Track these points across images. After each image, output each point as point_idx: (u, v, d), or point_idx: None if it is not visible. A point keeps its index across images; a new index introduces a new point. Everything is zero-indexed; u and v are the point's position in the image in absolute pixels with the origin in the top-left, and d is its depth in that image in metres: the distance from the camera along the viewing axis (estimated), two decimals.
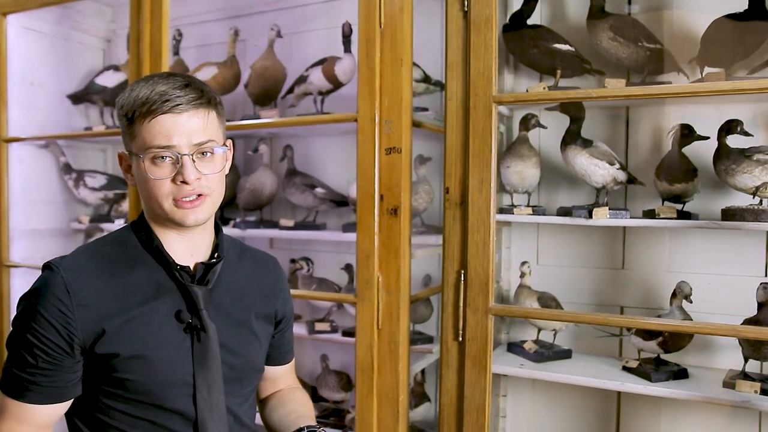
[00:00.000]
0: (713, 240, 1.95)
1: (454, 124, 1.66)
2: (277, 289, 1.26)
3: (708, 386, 1.76)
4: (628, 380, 1.80)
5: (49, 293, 1.01)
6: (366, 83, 1.76)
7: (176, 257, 1.10)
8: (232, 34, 2.50)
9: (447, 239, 1.68)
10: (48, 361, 1.00)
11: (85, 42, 2.83)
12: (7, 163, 2.52)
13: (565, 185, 2.12)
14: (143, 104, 1.03)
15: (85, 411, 1.08)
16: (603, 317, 1.72)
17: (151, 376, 1.03)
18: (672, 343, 1.78)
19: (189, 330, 1.08)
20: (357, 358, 1.79)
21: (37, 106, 2.61)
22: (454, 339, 1.67)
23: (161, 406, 1.05)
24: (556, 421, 2.17)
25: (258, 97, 2.44)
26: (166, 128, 1.03)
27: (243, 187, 2.44)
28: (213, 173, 1.07)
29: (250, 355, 1.17)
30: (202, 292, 1.09)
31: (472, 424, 1.65)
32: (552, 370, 1.89)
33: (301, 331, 2.33)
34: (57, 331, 1.00)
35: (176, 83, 1.05)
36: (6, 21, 2.50)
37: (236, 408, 1.14)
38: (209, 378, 1.08)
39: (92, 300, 1.02)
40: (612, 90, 1.59)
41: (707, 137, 1.77)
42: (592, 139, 1.88)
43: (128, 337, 1.03)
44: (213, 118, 1.09)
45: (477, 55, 1.61)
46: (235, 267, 1.20)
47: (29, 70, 2.60)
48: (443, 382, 1.70)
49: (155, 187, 1.05)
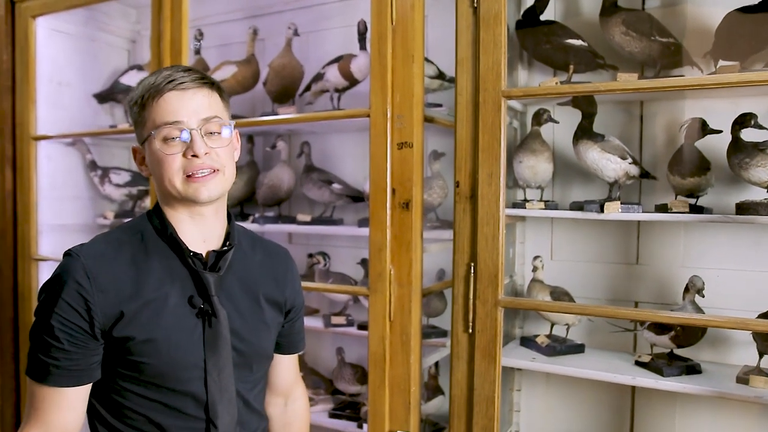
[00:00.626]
0: (728, 235, 1.93)
1: (464, 119, 1.68)
2: (288, 279, 1.30)
3: (721, 382, 1.75)
4: (640, 375, 1.80)
5: (70, 279, 1.06)
6: (378, 79, 1.79)
7: (189, 243, 1.14)
8: (251, 34, 2.55)
9: (457, 232, 1.70)
10: (72, 344, 1.05)
11: (111, 43, 2.91)
12: (36, 160, 2.60)
13: (579, 180, 2.12)
14: (151, 87, 1.10)
15: (103, 393, 1.13)
16: (610, 309, 1.73)
17: (164, 360, 1.07)
18: (684, 338, 1.78)
19: (201, 315, 1.12)
20: (370, 349, 1.82)
21: (64, 105, 2.69)
22: (464, 331, 1.69)
23: (173, 388, 1.09)
24: (570, 415, 2.17)
25: (276, 95, 2.49)
26: (173, 105, 1.09)
27: (261, 183, 2.49)
28: (221, 147, 1.12)
29: (260, 342, 1.20)
30: (214, 279, 1.13)
31: (482, 415, 1.67)
32: (564, 364, 1.90)
33: (318, 325, 2.37)
34: (79, 314, 1.05)
35: (180, 68, 1.13)
36: (35, 23, 2.59)
37: (246, 393, 1.17)
38: (219, 362, 1.12)
39: (110, 285, 1.07)
40: (619, 83, 1.60)
41: (720, 131, 1.76)
42: (604, 134, 1.88)
43: (143, 321, 1.07)
44: (216, 99, 1.15)
45: (486, 50, 1.63)
46: (246, 256, 1.24)
47: (57, 70, 2.68)
48: (454, 373, 1.72)
49: (167, 164, 1.09)
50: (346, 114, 2.01)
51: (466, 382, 1.70)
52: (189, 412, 1.10)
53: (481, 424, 1.67)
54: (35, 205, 2.60)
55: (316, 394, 2.40)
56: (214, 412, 1.10)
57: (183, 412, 1.10)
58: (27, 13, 2.57)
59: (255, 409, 1.20)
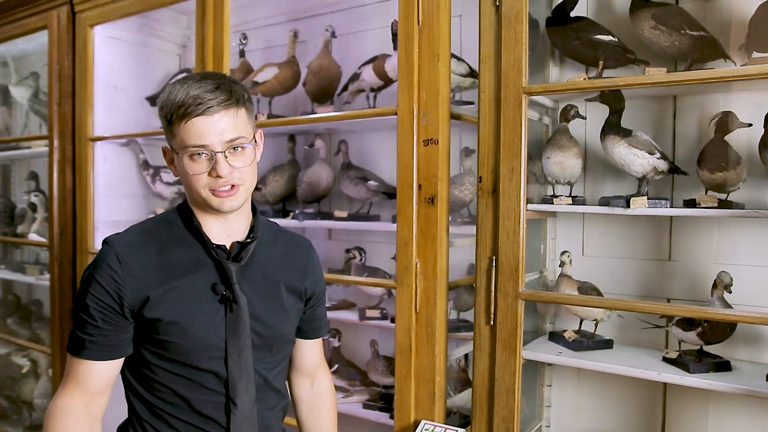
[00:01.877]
0: (764, 231, 1.89)
1: (486, 115, 1.72)
2: (309, 269, 1.37)
3: (751, 379, 1.73)
4: (666, 371, 1.79)
5: (104, 264, 1.17)
6: (405, 78, 1.85)
7: (213, 237, 1.23)
8: (291, 36, 2.64)
9: (480, 226, 1.74)
10: (105, 321, 1.16)
11: (163, 48, 3.06)
12: (93, 160, 2.78)
13: (610, 176, 2.11)
14: (179, 107, 1.15)
15: (134, 368, 1.23)
16: (630, 303, 1.74)
17: (188, 340, 1.17)
18: (711, 335, 1.76)
19: (223, 301, 1.21)
20: (396, 340, 1.88)
21: (119, 108, 2.86)
22: (486, 323, 1.72)
23: (196, 366, 1.18)
24: (600, 411, 2.17)
25: (315, 95, 2.57)
26: (200, 129, 1.15)
27: (301, 181, 2.58)
28: (244, 166, 1.20)
29: (279, 326, 1.28)
30: (236, 268, 1.22)
31: (503, 405, 1.70)
32: (591, 359, 1.90)
33: (353, 317, 2.44)
34: (110, 296, 1.15)
35: (208, 86, 1.17)
36: (93, 32, 2.76)
37: (266, 373, 1.26)
38: (239, 344, 1.20)
39: (140, 271, 1.17)
40: (639, 78, 1.60)
41: (750, 124, 1.73)
42: (632, 129, 1.88)
43: (169, 304, 1.17)
44: (242, 115, 1.20)
45: (508, 48, 1.66)
46: (269, 247, 1.32)
47: (112, 75, 2.86)
48: (476, 365, 1.76)
49: (194, 180, 1.18)
50: (375, 113, 2.07)
51: (487, 374, 1.73)
52: (211, 387, 1.19)
53: (502, 415, 1.70)
54: (92, 202, 2.78)
55: (352, 385, 2.48)
56: (234, 389, 1.19)
57: (205, 386, 1.19)
58: (86, 22, 2.75)
59: (274, 387, 1.28)
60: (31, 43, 3.26)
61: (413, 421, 1.86)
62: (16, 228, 3.56)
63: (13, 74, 3.70)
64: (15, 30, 3.08)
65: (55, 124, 2.87)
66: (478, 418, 1.76)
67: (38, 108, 3.45)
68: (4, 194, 3.93)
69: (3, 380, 3.63)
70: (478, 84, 1.73)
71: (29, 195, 3.44)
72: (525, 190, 1.67)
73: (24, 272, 3.48)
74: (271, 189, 2.72)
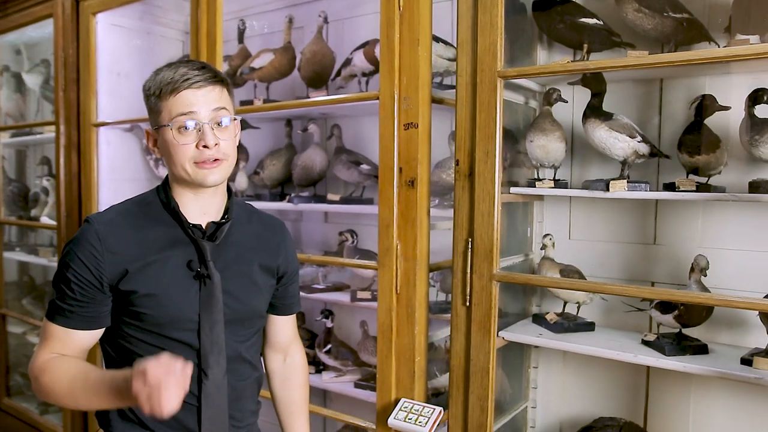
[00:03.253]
0: (747, 215, 1.89)
1: (463, 99, 1.74)
2: (281, 249, 1.43)
3: (726, 362, 1.73)
4: (645, 353, 1.80)
5: (84, 240, 1.23)
6: (386, 63, 1.87)
7: (190, 216, 1.29)
8: (287, 22, 2.68)
9: (457, 209, 1.77)
10: (83, 294, 1.22)
11: (165, 35, 3.12)
12: (97, 145, 2.86)
13: (596, 160, 2.12)
14: (168, 84, 1.23)
15: (112, 338, 1.30)
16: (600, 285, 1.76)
17: (162, 312, 1.23)
18: (688, 318, 1.77)
19: (197, 277, 1.26)
20: (378, 320, 1.93)
21: (122, 95, 2.93)
22: (463, 304, 1.76)
23: (170, 337, 1.24)
24: (585, 393, 2.19)
25: (310, 80, 2.61)
26: (189, 99, 1.22)
27: (296, 165, 2.63)
28: (227, 140, 1.26)
29: (251, 302, 1.34)
30: (210, 247, 1.28)
31: (478, 384, 1.74)
32: (572, 341, 1.93)
33: (345, 299, 2.49)
34: (90, 271, 1.21)
35: (194, 66, 1.26)
36: (95, 19, 2.83)
37: (237, 345, 1.31)
38: (212, 318, 1.26)
39: (118, 247, 1.23)
40: (616, 60, 1.61)
41: (728, 107, 1.73)
42: (613, 112, 1.88)
43: (145, 278, 1.23)
44: (225, 93, 1.29)
45: (484, 32, 1.68)
46: (244, 227, 1.38)
47: (115, 62, 2.92)
48: (453, 345, 1.79)
49: (181, 152, 1.24)
50: (358, 97, 2.10)
51: (464, 354, 1.77)
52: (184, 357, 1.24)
53: (477, 394, 1.74)
54: (96, 186, 2.86)
55: (344, 365, 2.53)
56: (205, 360, 1.25)
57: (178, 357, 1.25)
58: (88, 10, 2.82)
59: (246, 360, 1.34)
60: (42, 30, 3.34)
61: (394, 398, 1.91)
62: (30, 212, 3.67)
63: (25, 61, 3.80)
64: (23, 18, 3.16)
65: (61, 110, 2.95)
66: (454, 396, 1.80)
67: (49, 94, 3.54)
68: (19, 179, 4.05)
69: (19, 358, 3.77)
70: (456, 68, 1.75)
71: (41, 179, 3.54)
72: (500, 173, 1.69)
73: (37, 254, 3.60)
74: (269, 173, 2.77)
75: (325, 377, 2.54)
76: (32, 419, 3.44)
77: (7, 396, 3.68)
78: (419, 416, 1.80)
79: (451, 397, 1.81)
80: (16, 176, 4.10)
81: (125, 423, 1.27)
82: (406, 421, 1.81)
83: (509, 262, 2.14)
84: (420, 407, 1.83)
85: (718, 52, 1.55)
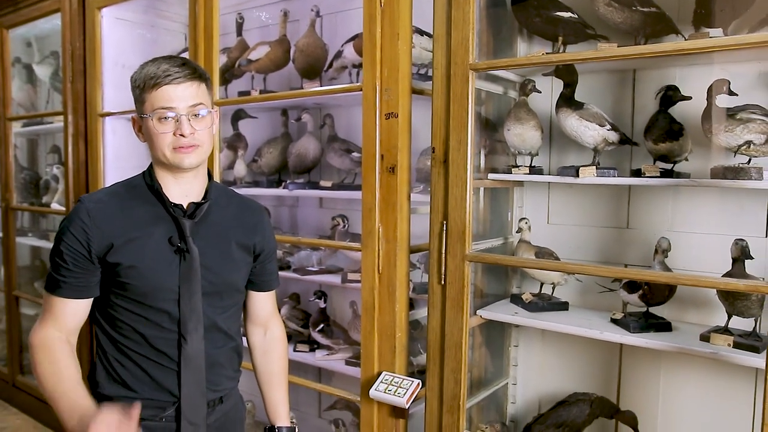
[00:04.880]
0: (711, 200, 1.98)
1: (439, 90, 1.84)
2: (258, 228, 1.55)
3: (687, 339, 1.84)
4: (612, 331, 1.91)
5: (76, 217, 1.36)
6: (369, 56, 1.98)
7: (172, 197, 1.42)
8: (282, 16, 2.79)
9: (433, 193, 1.88)
10: (75, 265, 1.35)
11: (168, 28, 3.25)
12: (103, 134, 3.00)
13: (574, 148, 2.21)
14: (151, 78, 1.35)
15: (101, 309, 1.43)
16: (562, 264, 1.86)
17: (145, 283, 1.36)
18: (651, 296, 1.87)
19: (178, 252, 1.39)
20: (362, 298, 2.05)
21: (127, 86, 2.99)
22: (438, 283, 1.87)
23: (152, 305, 1.37)
24: (563, 370, 2.30)
25: (304, 71, 2.72)
26: (169, 95, 1.34)
27: (291, 153, 2.75)
28: (203, 129, 1.38)
29: (228, 275, 1.46)
30: (190, 224, 1.40)
31: (452, 358, 1.85)
32: (545, 319, 2.04)
33: (337, 281, 2.61)
34: (81, 244, 1.35)
35: (175, 63, 1.37)
36: (101, 14, 2.96)
37: (214, 316, 1.44)
38: (191, 289, 1.38)
39: (105, 224, 1.36)
40: (580, 54, 1.71)
41: (689, 97, 1.82)
42: (584, 102, 1.98)
43: (129, 251, 1.36)
44: (203, 89, 1.40)
45: (457, 27, 1.78)
46: (223, 208, 1.50)
47: (120, 54, 3.05)
48: (430, 321, 1.91)
49: (161, 139, 1.36)
50: (344, 88, 2.22)
51: (439, 330, 1.88)
52: (164, 325, 1.38)
53: (451, 367, 1.86)
54: (103, 173, 3.00)
55: (336, 344, 2.66)
56: (185, 327, 1.38)
57: (160, 325, 1.38)
58: (94, 4, 2.94)
59: (222, 329, 1.46)
60: (51, 22, 3.48)
61: (376, 372, 2.03)
62: (41, 198, 3.83)
63: (36, 53, 3.94)
64: (33, 13, 3.30)
65: (69, 100, 3.09)
66: (431, 369, 1.92)
67: (58, 85, 3.68)
68: (31, 167, 4.21)
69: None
70: (432, 61, 1.85)
71: (52, 167, 3.70)
72: (472, 160, 1.79)
73: (48, 239, 3.76)
74: (266, 160, 2.89)
75: (318, 355, 2.67)
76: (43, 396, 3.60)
77: (20, 373, 3.86)
78: (398, 388, 1.92)
79: (428, 370, 1.93)
80: (28, 164, 4.26)
81: (112, 384, 1.41)
82: (386, 392, 1.93)
83: (489, 244, 2.25)
84: (399, 380, 1.95)
85: (679, 45, 1.64)
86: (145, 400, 1.38)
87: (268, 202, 3.10)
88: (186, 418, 1.40)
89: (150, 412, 1.39)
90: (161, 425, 1.40)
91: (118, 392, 1.40)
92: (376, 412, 2.04)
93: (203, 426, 1.43)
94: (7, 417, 3.75)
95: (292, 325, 2.83)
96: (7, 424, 3.65)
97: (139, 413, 1.23)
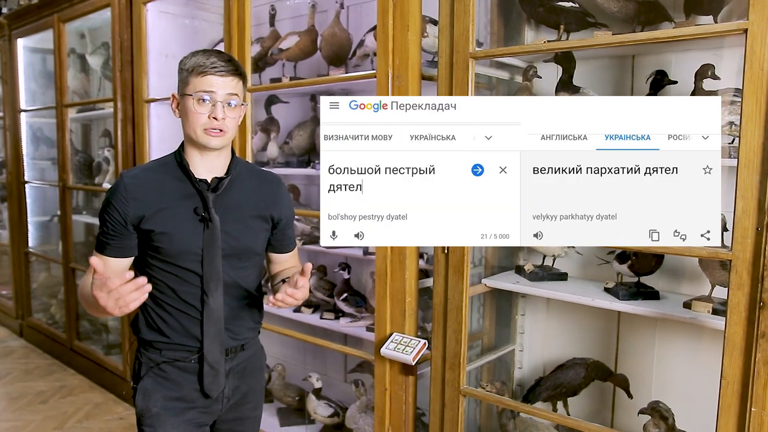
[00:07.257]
0: None
1: (443, 77, 2.02)
2: (276, 199, 1.76)
3: (672, 306, 1.99)
4: (603, 298, 2.07)
5: (116, 190, 1.61)
6: (382, 46, 2.17)
7: (198, 172, 1.64)
8: (310, 7, 2.99)
9: None
10: (114, 230, 1.60)
11: (207, 19, 3.49)
12: (149, 119, 3.27)
13: None
14: (200, 66, 1.57)
15: (141, 267, 1.68)
16: None
17: (174, 246, 1.59)
18: (638, 266, 2.02)
19: (202, 221, 1.62)
20: (376, 266, 2.26)
21: (170, 74, 3.32)
22: (442, 252, 2.06)
23: (180, 265, 1.61)
24: (566, 337, 2.47)
25: (330, 59, 2.93)
26: (211, 82, 1.57)
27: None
28: (232, 118, 1.61)
29: (245, 240, 1.69)
30: (213, 197, 1.63)
31: (453, 320, 2.05)
32: (545, 288, 2.21)
33: (359, 253, 2.83)
34: (119, 213, 1.59)
35: (223, 58, 1.60)
36: (146, 8, 3.22)
37: (233, 273, 1.67)
38: (212, 252, 1.62)
39: (140, 196, 1.60)
40: (568, 42, 1.86)
41: (675, 81, 1.95)
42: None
43: (160, 219, 1.60)
44: (240, 85, 1.63)
45: (459, 18, 1.95)
46: (244, 182, 1.73)
47: (163, 45, 3.32)
48: (435, 286, 2.11)
49: (196, 118, 1.59)
50: (360, 76, 2.41)
51: (443, 294, 2.08)
52: (191, 281, 1.62)
53: (453, 328, 2.05)
54: (148, 155, 3.28)
55: (359, 312, 2.88)
56: (207, 284, 1.62)
57: (187, 281, 1.62)
58: (140, 0, 3.21)
59: (240, 286, 1.70)
60: (102, 16, 3.78)
61: (388, 333, 2.24)
62: (94, 179, 4.16)
63: (89, 44, 4.26)
64: (86, 8, 3.60)
65: (118, 88, 3.38)
66: (435, 330, 2.12)
67: (108, 74, 3.98)
68: (85, 150, 4.56)
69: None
70: (438, 50, 2.03)
71: (103, 150, 4.01)
72: None
73: None
74: (296, 142, 3.12)
75: (342, 322, 2.90)
76: (98, 358, 3.96)
77: (77, 339, 4.22)
78: (406, 347, 2.13)
79: (433, 331, 2.13)
80: (82, 147, 4.60)
81: (149, 330, 1.67)
82: (396, 350, 2.14)
83: None
84: (408, 339, 2.16)
85: (665, 33, 1.77)
86: (175, 344, 1.64)
87: (299, 180, 3.33)
88: (207, 363, 1.64)
89: (181, 353, 1.64)
90: (190, 366, 1.65)
91: (155, 337, 1.65)
92: (388, 370, 2.26)
93: (222, 370, 1.67)
94: (66, 377, 4.13)
95: (319, 295, 3.06)
96: (66, 383, 4.03)
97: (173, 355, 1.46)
